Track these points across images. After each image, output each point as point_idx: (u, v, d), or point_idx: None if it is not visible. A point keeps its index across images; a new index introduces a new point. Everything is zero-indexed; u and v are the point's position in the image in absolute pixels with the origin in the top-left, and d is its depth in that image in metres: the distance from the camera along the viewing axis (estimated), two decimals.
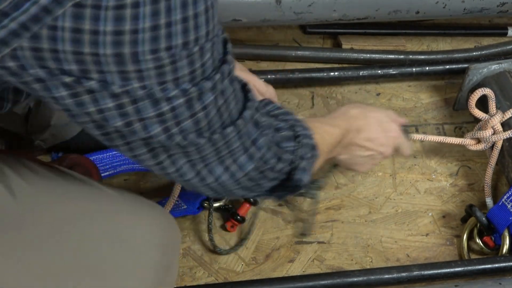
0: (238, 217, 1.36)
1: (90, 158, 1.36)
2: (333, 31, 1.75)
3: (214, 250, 1.34)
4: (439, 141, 1.43)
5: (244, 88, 0.93)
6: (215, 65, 0.83)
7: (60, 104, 0.79)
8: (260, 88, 1.32)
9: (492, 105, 1.44)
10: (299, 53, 1.68)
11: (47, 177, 0.98)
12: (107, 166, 1.38)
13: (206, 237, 1.37)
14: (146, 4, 0.72)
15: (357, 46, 1.73)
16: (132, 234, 0.98)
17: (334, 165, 1.36)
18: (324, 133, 1.10)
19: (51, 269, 0.92)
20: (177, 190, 1.33)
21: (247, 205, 1.37)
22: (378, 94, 1.65)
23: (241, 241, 1.36)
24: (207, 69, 0.81)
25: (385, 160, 1.50)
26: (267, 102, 1.03)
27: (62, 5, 0.70)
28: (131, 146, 0.85)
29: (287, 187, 1.04)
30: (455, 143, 1.43)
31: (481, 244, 1.38)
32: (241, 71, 1.28)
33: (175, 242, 1.05)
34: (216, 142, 0.88)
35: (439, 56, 1.70)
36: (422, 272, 1.29)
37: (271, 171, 0.98)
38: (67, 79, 0.75)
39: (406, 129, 1.30)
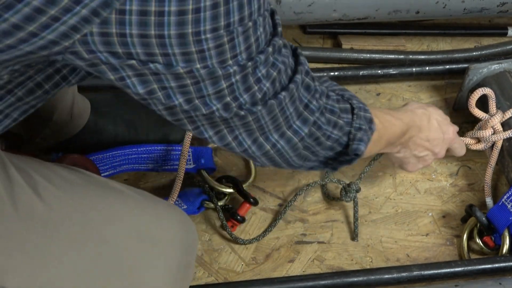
0: (238, 217, 1.36)
1: (90, 158, 1.36)
2: (333, 31, 1.75)
3: (235, 241, 1.35)
4: None
5: (295, 52, 0.95)
6: (267, 38, 0.86)
7: (127, 84, 0.82)
8: None
9: (492, 105, 1.44)
10: None
11: (70, 179, 1.00)
12: (107, 166, 1.38)
13: (206, 237, 1.37)
14: None
15: (357, 46, 1.73)
16: (156, 234, 1.00)
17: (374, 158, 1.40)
18: (386, 122, 1.13)
19: (80, 269, 0.94)
20: (176, 190, 1.33)
21: (247, 205, 1.37)
22: (378, 94, 1.65)
23: (264, 232, 1.37)
24: (261, 43, 0.84)
25: (385, 160, 1.50)
26: (325, 80, 1.07)
27: None
28: (192, 119, 0.89)
29: (343, 158, 1.07)
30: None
31: (481, 244, 1.38)
32: None
33: (194, 241, 1.07)
34: (271, 110, 0.91)
35: (439, 56, 1.69)
36: (422, 272, 1.29)
37: (327, 139, 1.01)
38: (133, 62, 0.78)
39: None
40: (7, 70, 0.83)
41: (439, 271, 1.30)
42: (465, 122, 1.59)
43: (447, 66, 1.64)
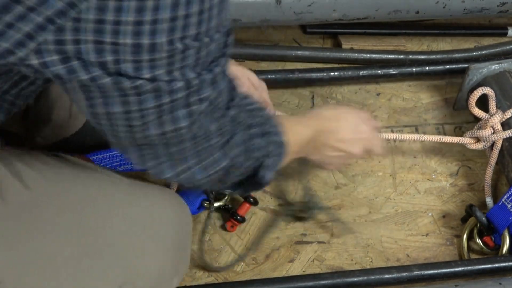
0: (238, 217, 1.36)
1: (90, 158, 1.36)
2: (333, 31, 1.75)
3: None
4: (437, 140, 1.42)
5: (231, 83, 0.95)
6: (215, 56, 0.86)
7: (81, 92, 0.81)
8: (254, 81, 1.33)
9: (492, 105, 1.44)
10: (299, 53, 1.68)
11: (57, 166, 1.00)
12: (107, 166, 1.38)
13: (206, 237, 1.37)
14: None
15: (357, 46, 1.73)
16: (147, 215, 1.00)
17: (306, 164, 1.37)
18: (295, 133, 1.11)
19: (72, 254, 0.94)
20: (175, 185, 1.33)
21: (247, 205, 1.37)
22: (378, 94, 1.64)
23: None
24: (209, 59, 0.84)
25: (385, 160, 1.50)
26: (246, 96, 1.04)
27: None
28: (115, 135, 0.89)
29: (251, 182, 1.06)
30: (454, 142, 1.43)
31: (481, 244, 1.38)
32: (233, 65, 1.30)
33: (188, 223, 1.07)
34: (196, 136, 0.90)
35: (439, 56, 1.70)
36: (422, 272, 1.29)
37: (240, 167, 1.00)
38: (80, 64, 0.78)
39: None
40: None
41: (439, 271, 1.30)
42: (465, 122, 1.59)
43: (447, 66, 1.64)
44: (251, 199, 1.37)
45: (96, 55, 0.76)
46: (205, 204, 1.37)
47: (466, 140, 1.43)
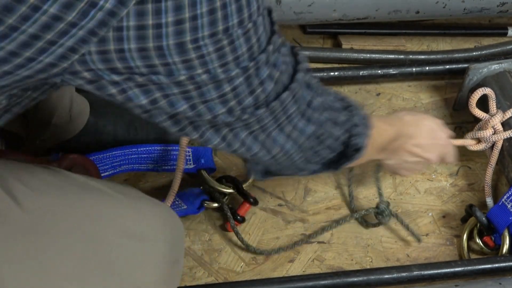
0: (238, 217, 1.36)
1: (90, 158, 1.36)
2: (333, 31, 1.75)
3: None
4: None
5: (293, 50, 0.95)
6: (268, 37, 0.85)
7: (128, 97, 0.81)
8: None
9: (492, 105, 1.44)
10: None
11: (48, 181, 0.98)
12: (107, 166, 1.38)
13: (206, 237, 1.37)
14: None
15: (357, 46, 1.73)
16: (141, 230, 0.99)
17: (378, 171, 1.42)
18: (378, 127, 1.13)
19: (61, 272, 0.92)
20: (176, 186, 1.33)
21: (247, 205, 1.37)
22: (378, 94, 1.65)
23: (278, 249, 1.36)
24: (262, 43, 0.84)
25: None
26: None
27: (126, 5, 0.71)
28: (195, 125, 0.89)
29: (344, 157, 1.07)
30: (456, 144, 1.43)
31: (481, 244, 1.38)
32: None
33: (180, 237, 1.06)
34: (274, 110, 0.91)
35: (439, 56, 1.69)
36: (422, 272, 1.29)
37: (329, 136, 1.01)
38: (134, 76, 0.78)
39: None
40: (5, 95, 0.83)
41: (439, 271, 1.30)
42: (465, 122, 1.59)
43: (447, 66, 1.64)
44: (251, 199, 1.37)
45: (142, 61, 0.76)
46: (205, 204, 1.37)
47: (468, 141, 1.43)
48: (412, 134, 1.22)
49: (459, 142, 1.43)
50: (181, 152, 1.35)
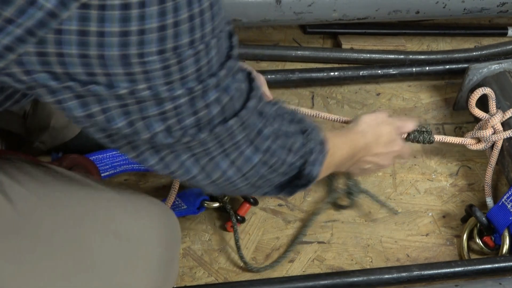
0: (238, 217, 1.36)
1: (90, 158, 1.36)
2: (333, 31, 1.75)
3: (246, 268, 1.33)
4: (439, 140, 1.42)
5: (249, 77, 0.92)
6: (221, 61, 0.82)
7: (64, 107, 0.78)
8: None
9: (492, 105, 1.44)
10: (299, 53, 1.68)
11: (44, 181, 0.97)
12: (107, 166, 1.38)
13: (206, 237, 1.37)
14: (152, 4, 0.71)
15: (357, 46, 1.73)
16: (133, 231, 0.97)
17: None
18: (335, 147, 1.11)
19: (56, 272, 0.91)
20: (176, 185, 1.33)
21: (247, 205, 1.37)
22: (378, 94, 1.65)
23: (273, 263, 1.35)
24: (213, 66, 0.81)
25: None
26: (274, 102, 1.03)
27: (67, 7, 0.69)
28: (133, 145, 0.85)
29: (298, 183, 1.04)
30: (456, 142, 1.43)
31: (481, 244, 1.38)
32: None
33: (176, 236, 1.05)
34: (219, 135, 0.87)
35: (439, 56, 1.69)
36: (422, 272, 1.29)
37: (281, 165, 0.98)
38: (73, 83, 0.75)
39: (425, 129, 1.37)
40: None
41: (439, 271, 1.30)
42: (465, 122, 1.59)
43: (447, 66, 1.64)
44: (251, 199, 1.37)
45: (82, 68, 0.73)
46: (205, 204, 1.37)
47: (467, 141, 1.43)
48: (370, 146, 1.23)
49: (459, 140, 1.43)
50: None
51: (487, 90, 1.43)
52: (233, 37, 0.85)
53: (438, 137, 1.42)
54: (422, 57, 1.69)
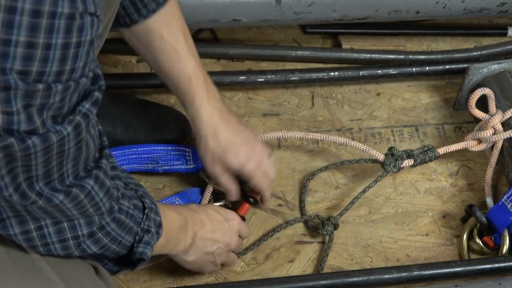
0: None
1: None
2: (333, 31, 1.75)
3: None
4: (443, 152, 1.42)
5: (101, 149, 0.89)
6: (61, 114, 0.76)
7: None
8: (257, 185, 1.32)
9: (492, 105, 1.44)
10: (299, 53, 1.68)
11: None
12: None
13: None
14: None
15: (357, 46, 1.73)
16: None
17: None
18: (166, 217, 1.07)
19: None
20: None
21: (247, 205, 1.37)
22: (378, 94, 1.65)
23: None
24: (49, 111, 0.74)
25: None
26: (121, 170, 1.00)
27: None
28: None
29: (126, 261, 1.02)
30: (459, 148, 1.43)
31: (481, 244, 1.38)
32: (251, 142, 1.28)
33: None
34: (41, 207, 0.83)
35: (439, 56, 1.70)
36: (422, 272, 1.29)
37: (113, 243, 0.96)
38: None
39: (427, 147, 1.38)
40: None
41: (439, 271, 1.30)
42: (465, 122, 1.59)
43: (447, 66, 1.64)
44: (251, 199, 1.37)
45: None
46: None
47: (469, 143, 1.43)
48: (204, 221, 1.18)
49: (461, 145, 1.43)
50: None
51: (486, 90, 1.43)
52: (100, 81, 0.81)
53: (441, 150, 1.42)
54: (422, 57, 1.69)
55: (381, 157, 1.39)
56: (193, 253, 1.17)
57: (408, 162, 1.40)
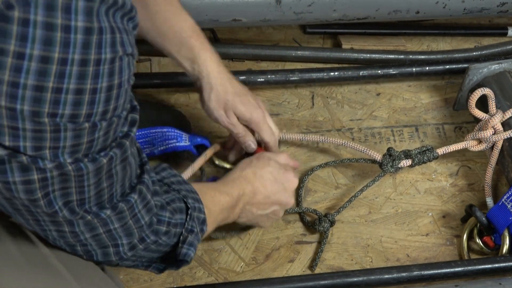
0: None
1: None
2: (333, 31, 1.75)
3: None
4: (442, 153, 1.42)
5: (142, 165, 0.91)
6: (106, 145, 0.80)
7: None
8: (265, 137, 1.33)
9: (492, 105, 1.44)
10: (299, 53, 1.68)
11: (9, 256, 0.91)
12: None
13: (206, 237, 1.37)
14: (32, 60, 0.68)
15: (357, 46, 1.73)
16: None
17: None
18: (215, 202, 1.09)
19: None
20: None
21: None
22: (378, 94, 1.65)
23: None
24: (94, 147, 0.78)
25: None
26: (163, 168, 1.02)
27: None
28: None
29: (171, 261, 1.03)
30: (458, 148, 1.43)
31: (481, 244, 1.38)
32: (252, 107, 1.29)
33: None
34: (88, 222, 0.85)
35: (439, 56, 1.70)
36: (422, 272, 1.29)
37: (156, 246, 0.97)
38: None
39: (425, 148, 1.38)
40: None
41: (439, 271, 1.30)
42: (465, 122, 1.59)
43: (447, 66, 1.64)
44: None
45: None
46: None
47: (469, 143, 1.43)
48: (256, 190, 1.19)
49: (461, 145, 1.43)
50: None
51: (486, 90, 1.43)
52: (133, 126, 0.84)
53: (441, 150, 1.42)
54: (422, 57, 1.69)
55: (379, 157, 1.40)
56: (243, 217, 1.21)
57: (406, 163, 1.40)
